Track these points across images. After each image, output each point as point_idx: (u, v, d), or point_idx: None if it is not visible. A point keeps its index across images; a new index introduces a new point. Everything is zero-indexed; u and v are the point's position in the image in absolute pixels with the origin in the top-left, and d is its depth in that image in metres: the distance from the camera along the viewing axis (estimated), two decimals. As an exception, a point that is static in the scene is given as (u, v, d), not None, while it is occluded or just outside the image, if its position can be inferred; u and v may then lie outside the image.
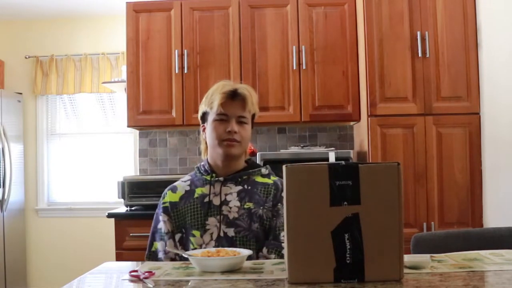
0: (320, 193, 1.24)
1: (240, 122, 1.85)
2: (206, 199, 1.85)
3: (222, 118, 1.84)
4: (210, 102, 1.86)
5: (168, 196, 1.92)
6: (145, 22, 3.69)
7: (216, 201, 1.84)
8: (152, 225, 1.93)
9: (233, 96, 1.84)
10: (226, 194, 1.85)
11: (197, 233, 1.81)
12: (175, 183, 1.97)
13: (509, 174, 2.86)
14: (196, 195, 1.87)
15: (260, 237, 1.81)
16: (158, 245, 1.86)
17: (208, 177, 1.89)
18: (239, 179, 1.88)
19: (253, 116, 1.92)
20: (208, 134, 1.89)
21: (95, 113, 4.88)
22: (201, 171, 1.92)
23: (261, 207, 1.83)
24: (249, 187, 1.87)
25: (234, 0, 3.66)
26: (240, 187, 1.86)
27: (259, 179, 1.90)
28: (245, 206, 1.82)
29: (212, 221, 1.82)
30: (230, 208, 1.83)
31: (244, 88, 1.88)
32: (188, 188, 1.91)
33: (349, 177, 1.24)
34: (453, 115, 3.21)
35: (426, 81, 3.21)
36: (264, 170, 1.94)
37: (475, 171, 3.17)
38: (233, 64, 3.63)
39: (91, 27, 4.78)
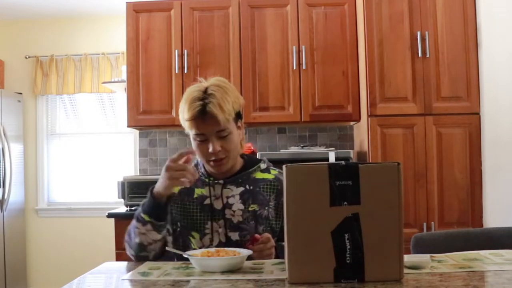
0: (320, 193, 1.24)
1: (221, 136, 1.71)
2: (206, 201, 1.77)
3: (201, 139, 1.72)
4: (183, 120, 1.73)
5: None
6: (145, 22, 3.69)
7: (218, 205, 1.76)
8: (141, 204, 1.80)
9: (203, 114, 1.67)
10: (227, 197, 1.77)
11: (196, 235, 1.76)
12: None
13: (509, 174, 2.86)
14: (195, 195, 1.79)
15: None
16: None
17: (207, 179, 1.80)
18: (240, 180, 1.80)
19: (238, 114, 1.77)
20: (193, 147, 1.77)
21: (95, 113, 4.88)
22: (200, 172, 1.83)
23: (266, 207, 1.78)
24: (251, 187, 1.79)
25: (234, 0, 3.66)
26: (242, 188, 1.79)
27: (259, 175, 1.83)
28: (250, 209, 1.76)
29: (213, 225, 1.75)
30: (234, 211, 1.76)
31: (213, 99, 1.67)
32: (188, 185, 1.77)
33: (349, 177, 1.24)
34: (453, 115, 3.21)
35: (426, 81, 3.21)
36: (262, 165, 1.86)
37: (475, 171, 3.17)
38: (233, 64, 3.63)
39: (91, 27, 4.78)
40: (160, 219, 1.66)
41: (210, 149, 1.70)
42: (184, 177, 1.60)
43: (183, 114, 1.71)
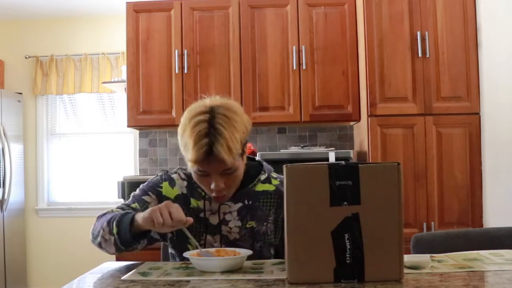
0: (320, 193, 1.24)
1: (225, 174, 1.57)
2: (202, 215, 1.68)
3: (203, 174, 1.58)
4: (185, 153, 1.57)
5: (165, 188, 1.72)
6: (145, 22, 3.69)
7: (214, 220, 1.67)
8: (131, 194, 1.74)
9: (209, 154, 1.51)
10: (224, 213, 1.67)
11: (192, 243, 1.65)
12: (172, 175, 1.75)
13: (509, 174, 2.86)
14: (192, 205, 1.69)
15: (263, 254, 1.69)
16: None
17: (203, 193, 1.68)
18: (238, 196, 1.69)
19: (244, 144, 1.62)
20: (192, 176, 1.65)
21: (95, 113, 4.88)
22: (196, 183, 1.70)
23: (264, 223, 1.69)
24: (250, 201, 1.68)
25: (234, 0, 3.66)
26: (240, 204, 1.68)
27: (260, 187, 1.71)
28: (247, 226, 1.67)
29: (208, 239, 1.67)
30: (230, 228, 1.66)
31: (221, 138, 1.50)
32: (185, 190, 1.71)
33: (349, 177, 1.24)
34: (453, 115, 3.21)
35: (426, 81, 3.21)
36: (262, 176, 1.73)
37: (475, 171, 3.17)
38: (233, 64, 3.63)
39: (91, 27, 4.78)
40: (125, 243, 1.50)
41: (212, 186, 1.58)
42: (158, 224, 1.40)
43: (187, 151, 1.55)
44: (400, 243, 1.24)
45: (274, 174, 1.77)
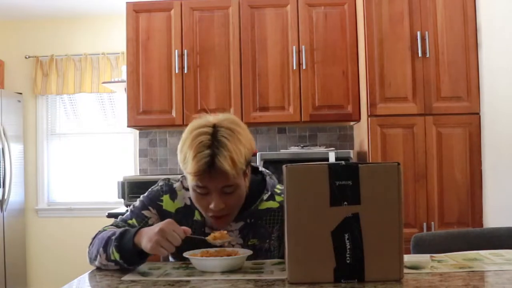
0: (320, 193, 1.24)
1: (226, 192, 1.49)
2: (203, 230, 1.62)
3: (202, 192, 1.50)
4: (184, 166, 1.48)
5: (165, 202, 1.65)
6: (145, 22, 3.69)
7: None
8: (130, 207, 1.68)
9: (210, 167, 1.43)
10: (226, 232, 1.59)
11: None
12: (174, 185, 1.68)
13: (509, 174, 2.86)
14: (195, 218, 1.63)
15: None
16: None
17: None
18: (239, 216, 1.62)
19: (248, 163, 1.54)
20: (190, 195, 1.58)
21: (95, 113, 4.88)
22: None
23: (267, 240, 1.63)
24: (252, 220, 1.62)
25: (234, 0, 3.66)
26: (241, 223, 1.62)
27: (263, 205, 1.64)
28: (249, 243, 1.62)
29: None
30: (233, 246, 1.61)
31: (224, 150, 1.42)
32: (188, 202, 1.63)
33: (349, 177, 1.24)
34: (453, 115, 3.21)
35: (426, 81, 3.21)
36: (265, 195, 1.64)
37: (475, 171, 3.17)
38: (233, 64, 3.63)
39: (91, 27, 4.78)
40: (131, 263, 1.44)
41: (212, 206, 1.50)
42: (170, 250, 1.38)
43: (187, 163, 1.46)
44: (400, 243, 1.24)
45: (278, 190, 1.68)
